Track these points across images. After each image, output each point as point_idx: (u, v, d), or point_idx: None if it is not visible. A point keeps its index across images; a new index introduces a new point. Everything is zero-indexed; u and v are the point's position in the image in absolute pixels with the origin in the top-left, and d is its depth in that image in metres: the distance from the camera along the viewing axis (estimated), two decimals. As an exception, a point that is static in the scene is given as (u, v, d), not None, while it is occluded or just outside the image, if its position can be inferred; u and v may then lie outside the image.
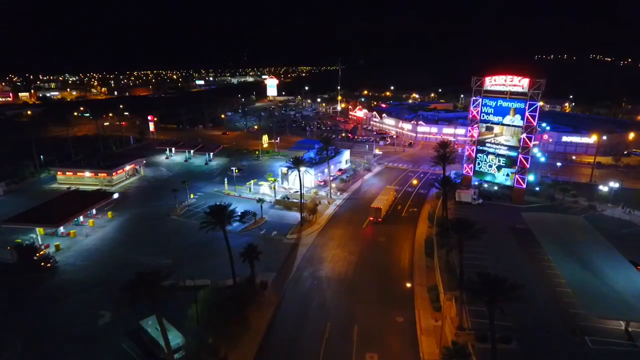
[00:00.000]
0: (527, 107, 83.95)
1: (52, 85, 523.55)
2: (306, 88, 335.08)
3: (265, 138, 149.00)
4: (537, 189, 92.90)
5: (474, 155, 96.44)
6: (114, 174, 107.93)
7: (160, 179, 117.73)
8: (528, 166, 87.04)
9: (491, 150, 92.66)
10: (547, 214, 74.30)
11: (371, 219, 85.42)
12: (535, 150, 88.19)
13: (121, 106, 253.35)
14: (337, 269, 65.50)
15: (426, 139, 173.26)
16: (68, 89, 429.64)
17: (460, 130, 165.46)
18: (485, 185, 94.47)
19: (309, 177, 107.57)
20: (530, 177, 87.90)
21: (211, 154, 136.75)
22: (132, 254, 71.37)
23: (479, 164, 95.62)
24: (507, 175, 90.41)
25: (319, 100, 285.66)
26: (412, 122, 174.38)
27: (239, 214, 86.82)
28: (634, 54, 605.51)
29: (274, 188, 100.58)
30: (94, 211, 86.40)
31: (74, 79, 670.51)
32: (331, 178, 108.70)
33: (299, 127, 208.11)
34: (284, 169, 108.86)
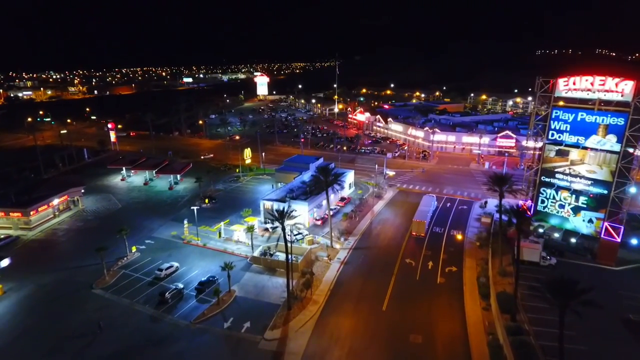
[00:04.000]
0: (628, 124, 55.68)
1: (29, 83, 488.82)
2: (299, 86, 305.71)
3: (247, 152, 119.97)
4: (636, 241, 64.39)
5: (535, 188, 67.84)
6: (32, 212, 78.39)
7: (104, 215, 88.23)
8: (624, 209, 58.83)
9: (564, 183, 64.25)
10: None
11: (413, 234, 75.56)
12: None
13: (87, 109, 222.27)
14: None
15: (442, 148, 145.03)
16: (42, 88, 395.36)
17: (485, 139, 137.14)
18: (557, 235, 65.96)
19: (302, 214, 78.85)
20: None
21: (178, 175, 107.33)
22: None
23: (543, 201, 67.12)
24: (590, 221, 62.11)
25: (313, 101, 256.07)
26: (426, 129, 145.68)
27: (197, 285, 58.62)
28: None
29: (252, 231, 71.30)
30: (-26, 285, 57.23)
31: (57, 76, 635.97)
32: (332, 213, 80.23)
33: (291, 133, 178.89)
34: (267, 204, 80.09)
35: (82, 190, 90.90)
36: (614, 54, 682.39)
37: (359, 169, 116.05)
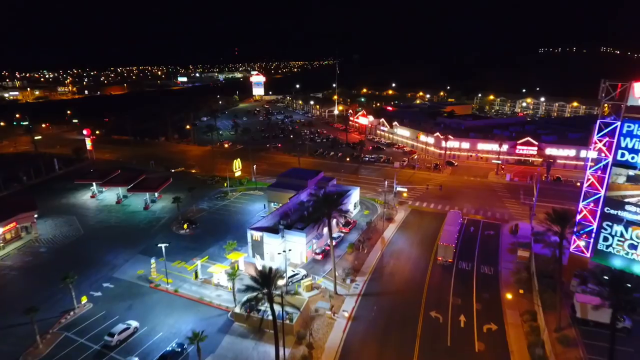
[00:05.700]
0: None
1: (17, 83, 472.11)
2: (297, 86, 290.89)
3: (237, 163, 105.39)
4: None
5: (595, 221, 53.46)
6: (-35, 247, 63.76)
7: (60, 245, 73.25)
8: None
9: (637, 218, 49.87)
10: None
11: (439, 259, 64.50)
12: None
13: (68, 112, 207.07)
14: None
15: (453, 157, 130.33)
16: (29, 89, 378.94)
17: (504, 147, 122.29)
18: (629, 286, 51.50)
19: (298, 248, 64.50)
20: None
21: (155, 193, 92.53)
22: None
23: (606, 238, 52.77)
24: (674, 268, 47.79)
25: (311, 102, 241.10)
26: (437, 134, 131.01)
27: (158, 359, 43.99)
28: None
29: (236, 272, 56.45)
30: None
31: (50, 76, 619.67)
32: (334, 242, 66.04)
33: (287, 137, 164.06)
34: (256, 235, 65.45)
35: (35, 216, 75.95)
36: (618, 52, 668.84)
37: (363, 182, 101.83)
